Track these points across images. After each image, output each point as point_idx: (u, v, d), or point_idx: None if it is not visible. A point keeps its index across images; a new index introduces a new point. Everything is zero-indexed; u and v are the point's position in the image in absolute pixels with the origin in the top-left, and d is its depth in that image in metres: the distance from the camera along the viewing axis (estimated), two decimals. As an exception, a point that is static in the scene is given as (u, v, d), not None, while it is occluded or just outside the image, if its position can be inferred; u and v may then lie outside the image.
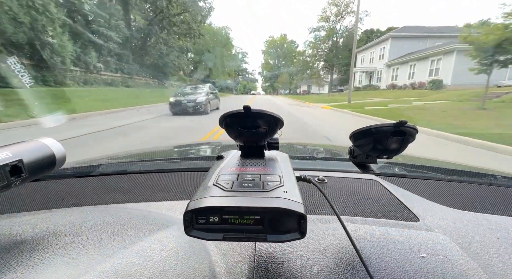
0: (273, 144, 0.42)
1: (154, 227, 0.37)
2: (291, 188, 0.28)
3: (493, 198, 0.67)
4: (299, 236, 0.24)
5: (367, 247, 0.40)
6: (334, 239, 0.42)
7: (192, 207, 0.24)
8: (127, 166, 0.85)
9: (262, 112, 0.34)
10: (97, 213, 0.38)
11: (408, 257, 0.38)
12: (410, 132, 0.40)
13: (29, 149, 0.29)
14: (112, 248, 0.28)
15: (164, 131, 5.89)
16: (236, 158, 0.39)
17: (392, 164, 0.87)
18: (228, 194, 0.26)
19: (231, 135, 0.37)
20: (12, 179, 0.26)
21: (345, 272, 0.35)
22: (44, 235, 0.28)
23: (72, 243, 0.28)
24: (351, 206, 0.56)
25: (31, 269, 0.22)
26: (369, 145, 0.43)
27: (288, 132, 4.91)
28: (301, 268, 0.35)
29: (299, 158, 0.97)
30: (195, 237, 0.25)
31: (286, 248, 0.39)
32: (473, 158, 3.83)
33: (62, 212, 0.38)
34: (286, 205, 0.24)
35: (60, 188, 0.68)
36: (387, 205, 0.56)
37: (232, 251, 0.40)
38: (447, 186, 0.73)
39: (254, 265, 0.36)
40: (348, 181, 0.69)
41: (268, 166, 0.35)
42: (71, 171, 0.78)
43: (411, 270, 0.35)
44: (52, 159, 0.31)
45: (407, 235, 0.44)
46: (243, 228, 0.25)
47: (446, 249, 0.40)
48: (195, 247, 0.36)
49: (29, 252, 0.25)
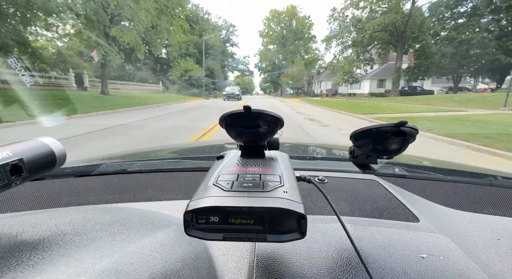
0: (273, 144, 0.42)
1: (154, 226, 0.37)
2: (291, 188, 0.28)
3: (494, 198, 0.67)
4: (299, 236, 0.24)
5: (367, 247, 0.40)
6: (334, 239, 0.42)
7: (192, 206, 0.24)
8: (127, 166, 0.85)
9: (262, 112, 0.34)
10: (97, 213, 0.38)
11: (408, 258, 0.38)
12: (411, 133, 0.40)
13: (30, 148, 0.29)
14: (112, 247, 0.28)
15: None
16: (236, 158, 0.39)
17: (393, 164, 0.87)
18: (228, 194, 0.26)
19: (231, 135, 0.37)
20: (13, 178, 0.26)
21: (345, 272, 0.35)
22: (44, 234, 0.28)
23: (72, 242, 0.28)
24: (351, 206, 0.56)
25: (31, 268, 0.22)
26: (369, 145, 0.43)
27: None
28: (301, 268, 0.35)
29: (299, 158, 0.97)
30: (195, 237, 0.25)
31: (286, 248, 0.39)
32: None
33: (62, 211, 0.38)
34: (286, 205, 0.24)
35: (61, 187, 0.68)
36: (387, 205, 0.56)
37: (232, 251, 0.40)
38: (447, 187, 0.73)
39: (254, 265, 0.36)
40: (348, 181, 0.69)
41: (268, 165, 0.35)
42: (72, 170, 0.78)
43: (411, 271, 0.35)
44: (52, 158, 0.31)
45: (407, 236, 0.44)
46: (243, 228, 0.25)
47: (446, 250, 0.40)
48: (195, 247, 0.36)
49: (29, 251, 0.25)
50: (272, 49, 52.38)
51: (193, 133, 5.79)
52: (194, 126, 6.90)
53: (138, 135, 5.62)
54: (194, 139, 5.09)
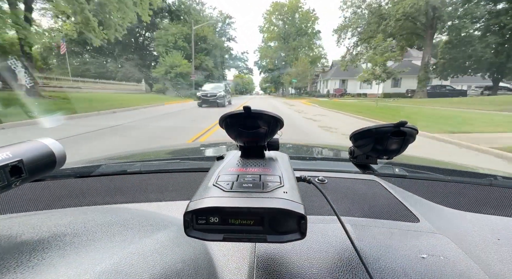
0: (273, 144, 0.42)
1: (154, 227, 0.37)
2: (291, 188, 0.28)
3: (494, 198, 0.67)
4: (299, 236, 0.24)
5: (367, 248, 0.40)
6: (334, 240, 0.42)
7: (192, 207, 0.24)
8: (127, 166, 0.85)
9: (262, 112, 0.34)
10: (97, 214, 0.38)
11: (408, 258, 0.38)
12: (410, 133, 0.40)
13: (29, 149, 0.29)
14: (112, 248, 0.28)
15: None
16: (236, 158, 0.39)
17: (393, 165, 0.87)
18: (228, 195, 0.26)
19: (231, 135, 0.37)
20: (12, 179, 0.26)
21: (345, 273, 0.35)
22: (44, 235, 0.28)
23: (72, 243, 0.28)
24: (351, 206, 0.56)
25: (31, 270, 0.22)
26: (369, 146, 0.43)
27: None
28: (301, 268, 0.35)
29: (299, 158, 0.97)
30: (195, 237, 0.25)
31: (286, 248, 0.39)
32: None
33: (62, 212, 0.38)
34: (286, 206, 0.24)
35: (60, 188, 0.68)
36: (387, 206, 0.56)
37: (232, 251, 0.40)
38: (447, 187, 0.73)
39: (254, 266, 0.36)
40: (348, 182, 0.69)
41: (268, 166, 0.35)
42: (71, 171, 0.78)
43: (411, 271, 0.35)
44: (52, 159, 0.31)
45: (407, 236, 0.44)
46: (243, 229, 0.25)
47: (447, 250, 0.40)
48: (195, 248, 0.36)
49: (29, 252, 0.25)
50: (272, 47, 46.85)
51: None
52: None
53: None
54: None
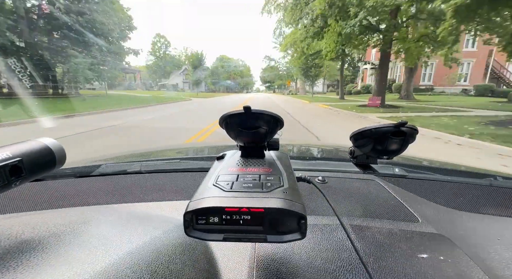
0: (273, 144, 0.42)
1: (154, 227, 0.37)
2: (291, 188, 0.28)
3: (493, 198, 0.67)
4: (299, 236, 0.24)
5: (367, 248, 0.40)
6: (334, 239, 0.42)
7: (192, 207, 0.24)
8: (127, 166, 0.85)
9: (262, 112, 0.34)
10: (97, 213, 0.38)
11: (408, 258, 0.38)
12: (410, 133, 0.40)
13: (29, 149, 0.29)
14: (112, 248, 0.28)
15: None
16: (236, 158, 0.39)
17: (393, 165, 0.87)
18: (228, 195, 0.26)
19: (231, 135, 0.37)
20: (12, 179, 0.26)
21: (345, 272, 0.35)
22: (44, 235, 0.28)
23: (72, 243, 0.28)
24: (351, 206, 0.56)
25: (31, 270, 0.22)
26: (369, 146, 0.43)
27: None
28: (301, 268, 0.35)
29: (299, 158, 0.97)
30: (195, 237, 0.25)
31: (286, 248, 0.39)
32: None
33: (62, 212, 0.38)
34: (286, 206, 0.24)
35: (60, 188, 0.68)
36: (387, 206, 0.56)
37: (232, 252, 0.40)
38: (447, 187, 0.73)
39: (254, 266, 0.36)
40: (348, 182, 0.69)
41: (268, 166, 0.35)
42: (71, 171, 0.78)
43: (411, 271, 0.35)
44: (52, 159, 0.31)
45: (407, 236, 0.44)
46: (243, 229, 0.25)
47: (446, 250, 0.40)
48: (195, 248, 0.36)
49: (28, 252, 0.25)
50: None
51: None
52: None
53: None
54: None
